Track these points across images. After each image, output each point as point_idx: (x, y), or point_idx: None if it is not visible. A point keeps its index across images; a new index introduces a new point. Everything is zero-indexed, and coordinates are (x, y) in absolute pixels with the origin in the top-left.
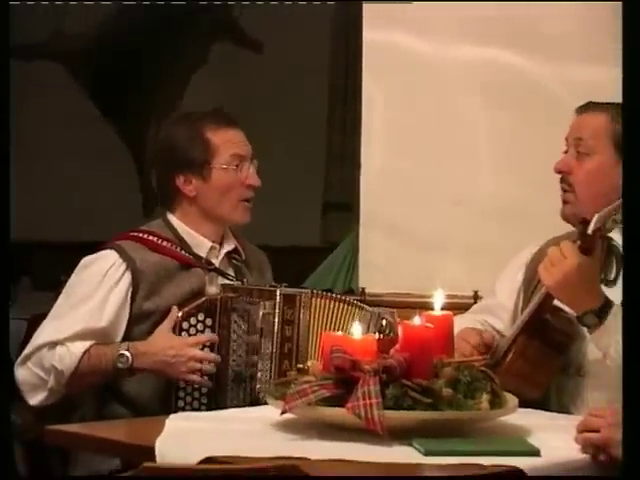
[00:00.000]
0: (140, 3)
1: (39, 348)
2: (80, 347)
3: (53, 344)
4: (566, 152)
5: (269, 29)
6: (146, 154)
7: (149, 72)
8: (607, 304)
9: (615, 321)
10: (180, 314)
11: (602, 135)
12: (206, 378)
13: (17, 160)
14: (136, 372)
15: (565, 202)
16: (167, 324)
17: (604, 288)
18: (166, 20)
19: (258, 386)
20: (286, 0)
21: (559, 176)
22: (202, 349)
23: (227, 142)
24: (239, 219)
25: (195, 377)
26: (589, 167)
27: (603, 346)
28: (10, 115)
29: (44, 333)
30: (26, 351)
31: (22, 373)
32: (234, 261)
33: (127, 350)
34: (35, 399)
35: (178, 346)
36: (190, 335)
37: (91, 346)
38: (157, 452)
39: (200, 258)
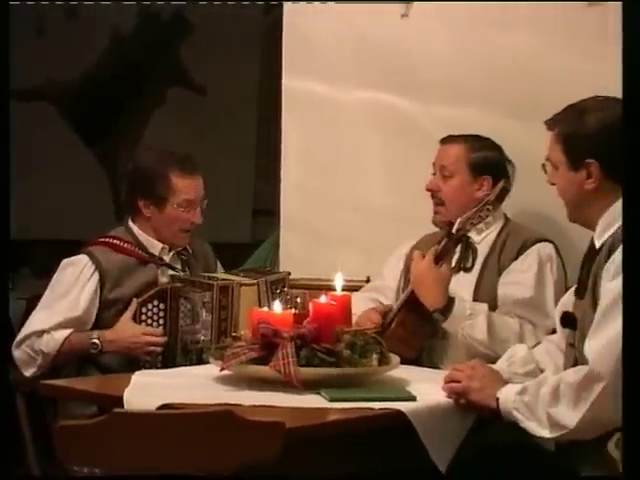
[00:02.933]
0: (114, 60)
1: (30, 335)
2: (62, 335)
3: (41, 332)
4: (434, 174)
5: (211, 76)
6: (119, 171)
7: (120, 111)
8: (449, 305)
9: (458, 314)
10: (139, 301)
11: (460, 161)
12: (159, 355)
13: (21, 176)
14: (105, 353)
15: (436, 213)
16: (128, 314)
17: (463, 274)
18: (133, 70)
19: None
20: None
21: (429, 192)
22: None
23: (185, 188)
24: (177, 243)
25: (149, 357)
26: (453, 185)
27: (452, 331)
28: (14, 145)
29: (34, 321)
30: (21, 335)
31: (18, 353)
32: (182, 257)
33: (97, 339)
34: (28, 372)
35: (136, 334)
36: (148, 317)
37: (70, 334)
38: (125, 401)
39: (154, 256)
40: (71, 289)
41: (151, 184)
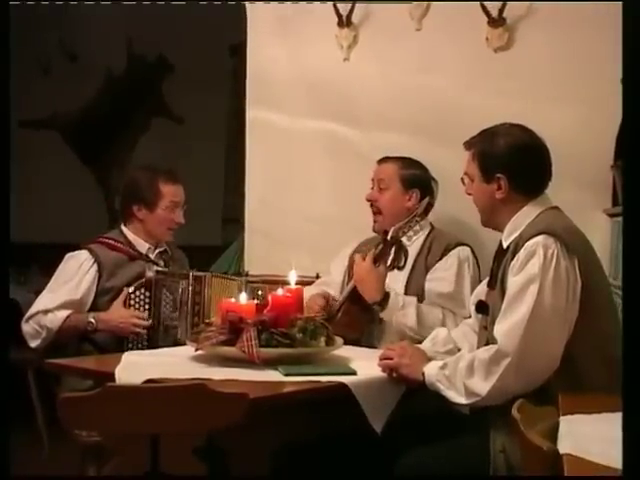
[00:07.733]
0: (107, 95)
1: (37, 313)
2: (63, 314)
3: (46, 311)
4: (372, 188)
5: (188, 108)
6: (112, 186)
7: (113, 136)
8: (385, 298)
9: (392, 305)
10: (130, 290)
11: (393, 176)
12: (145, 334)
13: (32, 190)
14: (99, 332)
15: (375, 221)
16: (120, 300)
17: (397, 271)
18: (124, 103)
19: (179, 334)
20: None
21: (369, 202)
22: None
23: (170, 192)
24: (164, 239)
25: (135, 336)
26: (387, 197)
27: (387, 319)
28: (27, 166)
29: (41, 302)
30: (29, 313)
31: (26, 327)
32: (164, 256)
33: (93, 318)
34: (34, 344)
35: (126, 316)
36: (136, 302)
37: (71, 314)
38: (116, 376)
39: (142, 254)
40: (73, 277)
41: (143, 191)
